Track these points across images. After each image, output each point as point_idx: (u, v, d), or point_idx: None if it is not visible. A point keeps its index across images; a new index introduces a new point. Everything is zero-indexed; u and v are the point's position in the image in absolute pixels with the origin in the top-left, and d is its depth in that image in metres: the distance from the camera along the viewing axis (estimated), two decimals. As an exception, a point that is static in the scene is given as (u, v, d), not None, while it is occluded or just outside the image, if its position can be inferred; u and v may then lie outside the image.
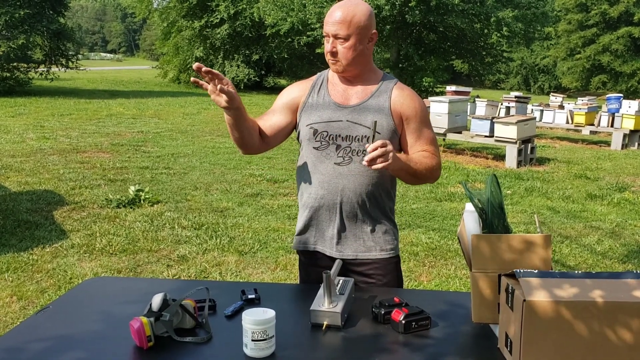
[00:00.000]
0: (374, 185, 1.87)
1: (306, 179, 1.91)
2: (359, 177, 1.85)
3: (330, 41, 1.81)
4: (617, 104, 11.36)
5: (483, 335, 1.53)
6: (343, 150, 1.85)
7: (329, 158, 1.86)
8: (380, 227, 1.92)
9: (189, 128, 11.66)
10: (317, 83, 1.94)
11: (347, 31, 1.78)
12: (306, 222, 1.94)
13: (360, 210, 1.88)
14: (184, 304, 1.52)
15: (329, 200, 1.87)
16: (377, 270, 1.91)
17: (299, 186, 1.98)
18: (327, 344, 1.47)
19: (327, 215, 1.89)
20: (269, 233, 4.92)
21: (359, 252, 1.90)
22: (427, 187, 6.79)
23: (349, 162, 1.85)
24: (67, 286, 3.69)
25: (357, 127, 1.84)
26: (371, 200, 1.88)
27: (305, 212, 1.93)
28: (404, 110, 1.87)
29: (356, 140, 1.84)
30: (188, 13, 24.40)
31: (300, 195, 1.97)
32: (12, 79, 18.23)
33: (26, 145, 8.88)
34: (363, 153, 1.83)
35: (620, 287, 1.30)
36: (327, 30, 1.81)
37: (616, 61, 29.01)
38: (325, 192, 1.87)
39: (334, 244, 1.90)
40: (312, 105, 1.89)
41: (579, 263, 4.46)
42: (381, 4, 18.02)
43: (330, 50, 1.82)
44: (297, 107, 1.92)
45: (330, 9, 1.83)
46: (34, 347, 1.42)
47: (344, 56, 1.81)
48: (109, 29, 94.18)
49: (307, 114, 1.89)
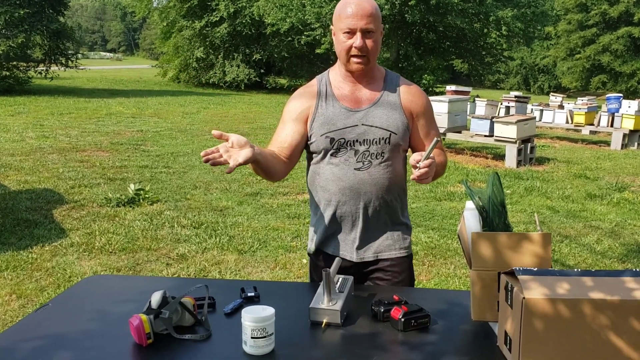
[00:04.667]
0: (392, 186, 1.87)
1: (325, 187, 1.87)
2: (379, 181, 1.84)
3: (358, 36, 1.73)
4: (616, 103, 11.36)
5: (482, 333, 1.53)
6: (362, 155, 1.82)
7: (348, 164, 1.82)
8: (399, 225, 1.93)
9: (189, 127, 11.66)
10: (322, 89, 1.86)
11: (376, 24, 1.74)
12: (326, 228, 1.90)
13: (381, 213, 1.87)
14: (183, 302, 1.52)
15: (351, 206, 1.85)
16: (393, 268, 1.91)
17: (314, 192, 1.92)
18: (326, 342, 1.47)
19: (349, 221, 1.87)
20: (269, 232, 4.92)
21: (378, 252, 1.90)
22: (427, 187, 6.79)
23: (369, 166, 1.82)
24: (67, 284, 3.68)
25: (372, 129, 1.81)
26: (391, 201, 1.88)
27: (324, 218, 1.89)
28: (414, 107, 1.87)
29: (374, 143, 1.81)
30: (188, 12, 24.40)
31: (316, 201, 1.92)
32: (11, 78, 18.24)
33: (26, 144, 8.87)
34: (382, 155, 1.82)
35: (618, 285, 1.30)
36: (352, 24, 1.72)
37: (616, 61, 29.02)
38: (347, 198, 1.84)
39: (355, 249, 1.89)
40: (323, 114, 1.83)
41: (578, 262, 4.46)
42: (381, 4, 18.03)
43: (360, 46, 1.73)
44: (307, 118, 1.84)
45: (346, 4, 1.75)
46: (33, 345, 1.42)
47: (372, 51, 1.76)
48: (109, 28, 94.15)
49: (320, 124, 1.82)
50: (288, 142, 1.84)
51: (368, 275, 1.92)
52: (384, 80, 1.87)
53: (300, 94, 1.89)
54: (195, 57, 24.77)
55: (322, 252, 1.94)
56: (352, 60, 1.77)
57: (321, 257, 1.95)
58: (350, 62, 1.78)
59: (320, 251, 1.95)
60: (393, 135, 1.82)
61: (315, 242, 1.94)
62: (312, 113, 1.84)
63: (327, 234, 1.91)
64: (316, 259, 1.97)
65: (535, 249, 1.52)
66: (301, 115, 1.85)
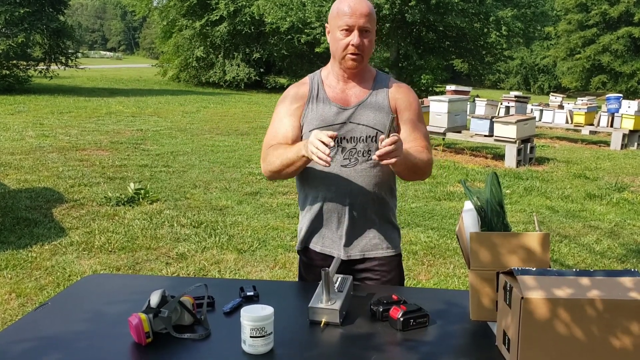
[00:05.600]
0: (379, 184, 1.88)
1: (312, 183, 1.89)
2: (365, 178, 1.85)
3: (355, 34, 1.76)
4: (616, 104, 11.37)
5: (481, 333, 1.53)
6: (348, 152, 1.84)
7: (334, 161, 1.83)
8: (386, 225, 1.93)
9: (189, 126, 11.66)
10: (314, 87, 1.89)
11: (372, 24, 1.79)
12: (313, 226, 1.92)
13: (368, 210, 1.88)
14: (183, 301, 1.52)
15: (337, 203, 1.86)
16: (382, 267, 1.92)
17: (302, 190, 1.95)
18: (325, 341, 1.47)
19: (335, 218, 1.88)
20: (268, 231, 4.93)
21: (365, 250, 1.91)
22: (426, 187, 6.79)
23: (355, 163, 1.84)
24: (66, 283, 3.69)
25: (359, 127, 1.83)
26: (377, 199, 1.89)
27: (311, 215, 1.91)
28: (399, 104, 1.88)
29: (361, 141, 1.83)
30: (188, 12, 24.40)
31: (304, 198, 1.95)
32: (11, 77, 18.24)
33: (25, 142, 8.87)
34: (368, 153, 1.84)
35: (617, 285, 1.30)
36: (352, 22, 1.75)
37: (616, 61, 29.03)
38: (333, 194, 1.86)
39: (342, 246, 1.90)
40: (314, 110, 1.86)
41: (577, 262, 4.46)
42: (381, 3, 18.03)
43: (358, 44, 1.76)
44: (300, 113, 1.88)
45: (344, 2, 1.77)
46: (33, 344, 1.42)
47: (367, 51, 1.80)
48: (109, 27, 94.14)
49: (310, 120, 1.86)
50: (290, 137, 1.88)
51: (356, 274, 1.92)
52: (374, 80, 1.90)
53: (294, 90, 1.93)
54: (195, 57, 24.77)
55: (310, 249, 1.95)
56: (348, 57, 1.79)
57: (309, 254, 1.96)
58: (346, 59, 1.80)
59: (307, 248, 1.96)
60: (379, 134, 1.83)
61: (303, 239, 1.96)
62: (304, 108, 1.88)
63: (315, 230, 1.93)
64: (304, 256, 1.99)
65: (533, 249, 1.53)
66: (296, 112, 1.88)
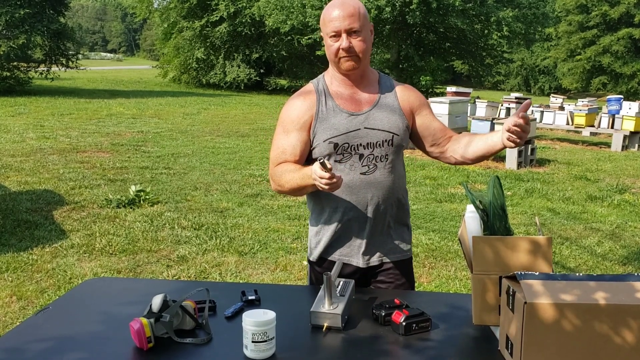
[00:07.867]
0: (397, 189, 1.87)
1: (330, 196, 1.82)
2: (385, 183, 1.83)
3: (343, 38, 1.74)
4: (617, 105, 11.36)
5: (484, 338, 1.53)
6: (367, 159, 1.81)
7: (353, 169, 1.81)
8: (402, 229, 1.93)
9: (189, 128, 11.66)
10: (320, 95, 1.83)
11: (359, 23, 1.74)
12: (334, 238, 1.87)
13: (387, 215, 1.86)
14: (184, 305, 1.52)
15: (358, 212, 1.83)
16: (396, 271, 1.91)
17: (317, 203, 1.89)
18: (327, 346, 1.47)
19: (355, 227, 1.85)
20: (269, 234, 4.92)
21: (383, 256, 1.90)
22: (427, 188, 6.79)
23: (374, 169, 1.82)
24: (67, 286, 3.68)
25: (375, 132, 1.81)
26: (396, 203, 1.88)
27: (331, 228, 1.86)
28: (412, 103, 1.88)
29: (377, 146, 1.81)
30: (188, 13, 24.43)
31: (320, 211, 1.88)
32: (12, 79, 18.26)
33: (26, 144, 8.87)
34: (386, 158, 1.82)
35: (623, 289, 1.29)
36: (336, 26, 1.73)
37: (616, 62, 29.02)
38: (354, 203, 1.82)
39: (361, 254, 1.87)
40: (325, 119, 1.81)
41: (579, 265, 4.45)
42: (382, 5, 18.04)
43: (347, 47, 1.74)
44: (310, 125, 1.82)
45: (329, 8, 1.77)
46: (34, 348, 1.42)
47: (361, 50, 1.76)
48: (109, 28, 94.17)
49: (322, 130, 1.80)
50: (299, 153, 1.83)
51: (370, 280, 1.92)
52: (379, 83, 1.89)
53: (299, 99, 1.86)
54: (195, 58, 24.79)
55: (326, 259, 1.91)
56: (342, 60, 1.77)
57: (325, 263, 1.91)
58: (341, 62, 1.78)
59: (324, 259, 1.91)
60: (395, 137, 1.82)
61: (320, 250, 1.90)
62: (314, 118, 1.82)
63: (332, 241, 1.88)
64: (318, 267, 1.93)
65: (536, 253, 1.52)
66: (305, 124, 1.82)
